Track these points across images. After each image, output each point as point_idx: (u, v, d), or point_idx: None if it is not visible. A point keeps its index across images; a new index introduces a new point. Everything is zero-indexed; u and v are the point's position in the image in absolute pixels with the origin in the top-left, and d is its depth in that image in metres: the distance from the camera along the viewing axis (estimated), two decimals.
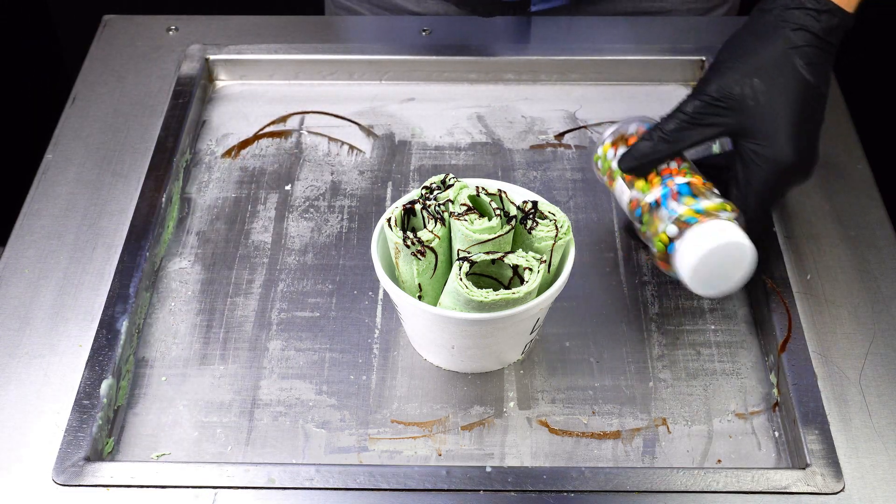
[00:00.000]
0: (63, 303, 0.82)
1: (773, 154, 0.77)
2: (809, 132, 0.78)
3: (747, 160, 0.78)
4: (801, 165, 0.78)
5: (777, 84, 0.77)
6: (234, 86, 1.04)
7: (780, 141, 0.76)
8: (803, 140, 0.77)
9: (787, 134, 0.76)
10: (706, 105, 0.78)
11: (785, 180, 0.79)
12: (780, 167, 0.77)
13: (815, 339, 0.79)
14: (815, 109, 0.79)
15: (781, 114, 0.76)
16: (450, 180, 0.76)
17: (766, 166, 0.77)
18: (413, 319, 0.75)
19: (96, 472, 0.71)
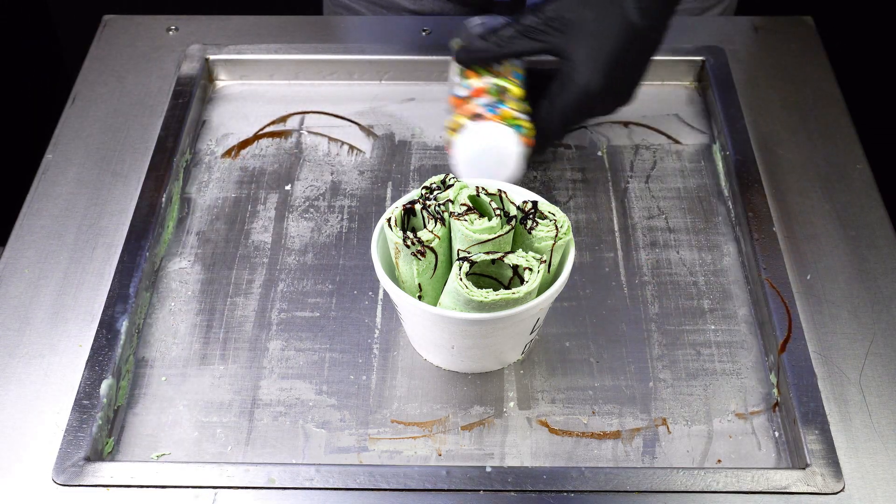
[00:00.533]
0: (63, 303, 0.82)
1: (581, 80, 0.83)
2: (625, 69, 0.84)
3: (561, 80, 0.84)
4: (606, 97, 0.84)
5: (604, 17, 0.82)
6: (234, 86, 1.04)
7: (590, 69, 0.82)
8: (614, 74, 0.83)
9: (598, 64, 0.82)
10: (540, 22, 0.84)
11: (588, 106, 0.85)
12: (585, 93, 0.83)
13: (815, 339, 0.79)
14: (638, 50, 0.84)
15: (599, 45, 0.82)
16: (450, 180, 0.76)
17: (573, 89, 0.83)
18: (413, 319, 0.75)
19: (96, 472, 0.71)
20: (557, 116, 0.85)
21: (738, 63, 1.03)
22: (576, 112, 0.85)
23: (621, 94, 0.86)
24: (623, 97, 0.86)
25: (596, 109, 0.86)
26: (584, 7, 0.83)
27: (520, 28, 0.85)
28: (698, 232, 0.89)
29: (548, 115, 0.85)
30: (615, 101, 0.86)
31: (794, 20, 1.09)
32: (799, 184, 0.91)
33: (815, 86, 1.01)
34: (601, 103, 0.85)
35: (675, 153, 0.96)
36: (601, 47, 0.82)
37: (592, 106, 0.85)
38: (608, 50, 0.82)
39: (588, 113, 0.87)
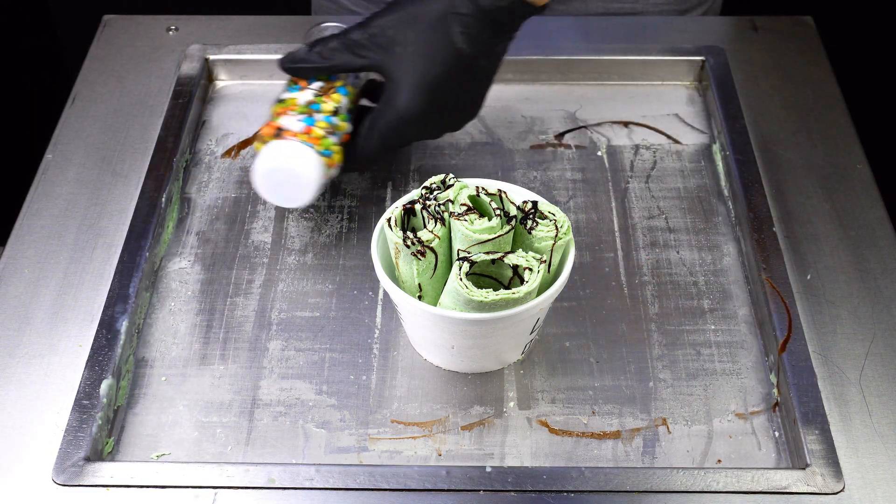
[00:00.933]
0: (63, 303, 0.82)
1: (398, 103, 0.80)
2: (449, 95, 0.80)
3: (382, 100, 0.82)
4: (426, 123, 0.82)
5: (427, 42, 0.78)
6: (234, 86, 1.04)
7: (408, 93, 0.79)
8: (436, 100, 0.80)
9: (416, 89, 0.79)
10: (364, 37, 0.80)
11: (405, 130, 0.82)
12: (404, 118, 0.80)
13: (815, 339, 0.79)
14: (464, 78, 0.80)
15: (419, 70, 0.79)
16: (450, 180, 0.76)
17: (392, 112, 0.81)
18: (413, 319, 0.75)
19: (96, 472, 0.71)
20: (375, 138, 0.82)
21: (738, 63, 1.03)
22: (394, 135, 0.82)
23: (447, 120, 0.83)
24: (450, 124, 0.84)
25: (416, 134, 0.84)
26: (410, 27, 0.79)
27: (344, 41, 0.81)
28: (698, 232, 0.89)
29: (366, 135, 0.83)
30: (439, 127, 0.84)
31: (794, 20, 1.09)
32: (799, 184, 0.91)
33: (815, 86, 1.01)
34: (422, 128, 0.83)
35: (675, 153, 0.96)
36: (424, 71, 0.79)
37: (410, 130, 0.82)
38: (431, 75, 0.79)
39: (407, 137, 0.84)
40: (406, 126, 0.81)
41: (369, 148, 0.83)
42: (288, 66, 0.84)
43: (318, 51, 0.82)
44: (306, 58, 0.83)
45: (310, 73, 0.84)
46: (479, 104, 0.84)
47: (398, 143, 0.85)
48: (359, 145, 0.84)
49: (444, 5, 0.78)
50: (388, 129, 0.82)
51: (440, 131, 0.85)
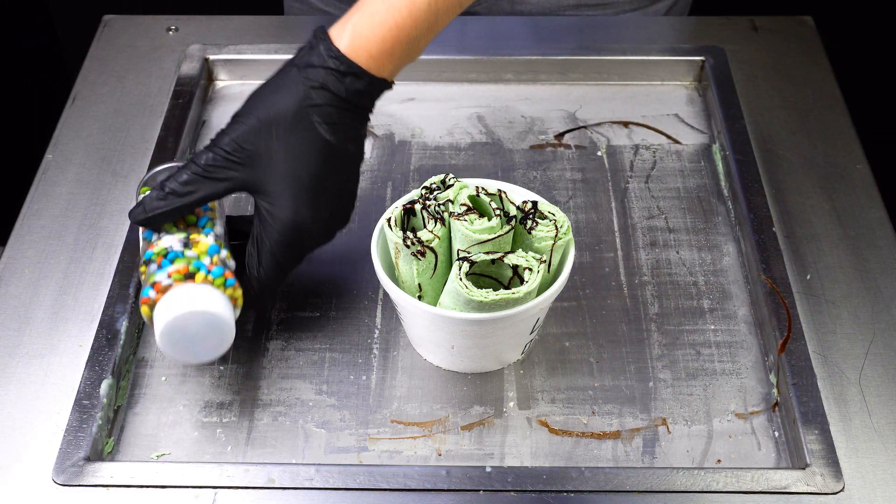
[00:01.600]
0: (63, 303, 0.82)
1: (282, 214, 0.73)
2: (328, 193, 0.74)
3: (262, 218, 0.74)
4: (317, 225, 0.74)
5: (291, 142, 0.72)
6: (234, 86, 1.04)
7: (288, 201, 0.72)
8: (317, 201, 0.73)
9: (295, 194, 0.72)
10: (220, 158, 0.72)
11: (298, 241, 0.75)
12: (290, 228, 0.73)
13: (815, 339, 0.79)
14: (338, 169, 0.74)
15: (292, 173, 0.72)
16: (450, 180, 0.76)
17: (276, 226, 0.73)
18: (413, 319, 0.75)
19: (96, 472, 0.71)
20: (268, 261, 0.74)
21: (738, 63, 1.03)
22: (289, 250, 0.74)
23: (334, 217, 0.76)
24: (338, 219, 0.77)
25: (311, 241, 0.76)
26: (268, 134, 0.72)
27: (197, 170, 0.72)
28: (698, 232, 0.89)
29: (258, 262, 0.75)
30: (329, 226, 0.76)
31: (794, 20, 1.09)
32: (799, 184, 0.91)
33: (815, 86, 1.01)
34: (315, 233, 0.75)
35: (675, 153, 0.96)
36: (295, 175, 0.72)
37: (304, 239, 0.75)
38: (304, 177, 0.72)
39: (302, 247, 0.76)
40: (299, 237, 0.74)
41: (268, 276, 0.75)
42: (142, 218, 0.73)
43: (171, 189, 0.72)
44: (165, 203, 0.73)
45: (172, 217, 0.73)
46: (355, 193, 0.77)
47: (296, 258, 0.76)
48: (256, 278, 0.76)
49: (297, 101, 0.72)
50: (282, 247, 0.74)
51: (334, 230, 0.77)
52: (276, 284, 0.77)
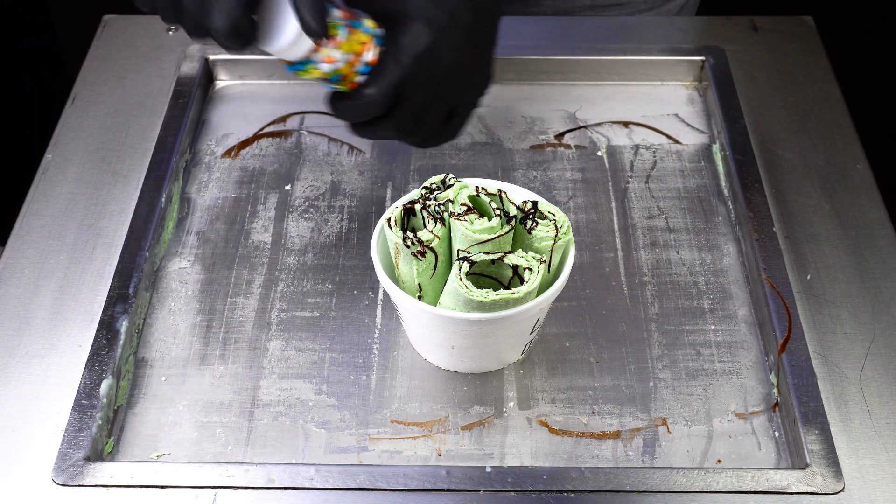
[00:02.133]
0: (63, 303, 0.82)
1: (407, 40, 0.72)
2: (456, 43, 0.74)
3: (387, 47, 0.73)
4: (434, 66, 0.73)
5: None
6: (234, 86, 1.04)
7: (418, 28, 0.73)
8: (443, 38, 0.73)
9: (425, 24, 0.73)
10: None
11: (416, 74, 0.73)
12: (413, 54, 0.72)
13: (815, 339, 0.79)
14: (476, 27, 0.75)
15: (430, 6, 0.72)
16: (450, 180, 0.76)
17: (397, 50, 0.72)
18: (413, 319, 0.75)
19: (96, 472, 0.71)
20: (381, 82, 0.73)
21: (738, 63, 1.03)
22: (404, 82, 0.73)
23: (460, 81, 0.76)
24: (461, 88, 0.77)
25: (425, 85, 0.74)
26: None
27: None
28: (698, 232, 0.89)
29: (371, 79, 0.73)
30: (450, 87, 0.76)
31: (794, 20, 1.09)
32: (799, 184, 0.91)
33: (815, 86, 1.01)
34: (431, 79, 0.74)
35: (675, 153, 0.96)
36: (434, 8, 0.73)
37: (419, 76, 0.73)
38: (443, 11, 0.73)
39: (416, 88, 0.74)
40: (418, 66, 0.72)
41: (373, 94, 0.73)
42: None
43: None
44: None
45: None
46: (491, 69, 0.78)
47: (409, 93, 0.73)
48: (361, 92, 0.73)
49: None
50: (398, 71, 0.72)
51: (448, 98, 0.75)
52: (379, 105, 0.74)
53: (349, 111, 0.75)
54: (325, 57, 0.72)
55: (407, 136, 0.78)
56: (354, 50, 0.73)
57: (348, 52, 0.72)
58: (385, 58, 0.73)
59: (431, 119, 0.77)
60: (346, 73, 0.73)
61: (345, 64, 0.73)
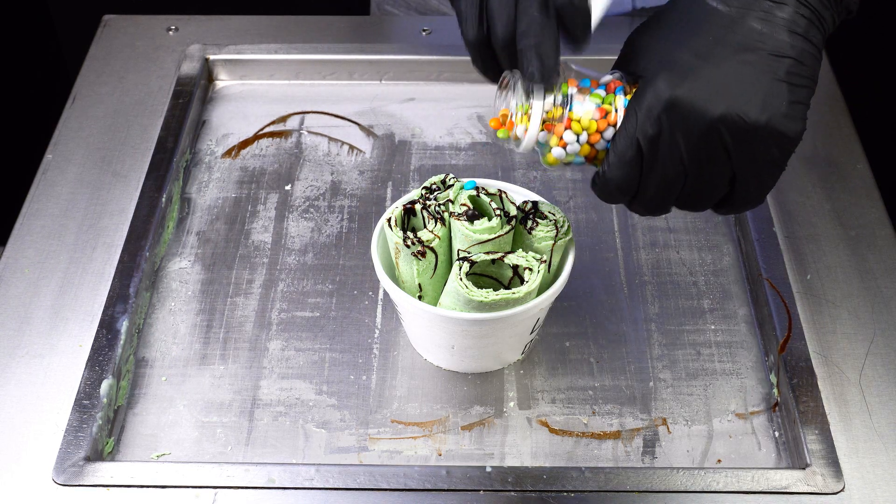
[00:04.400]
0: (63, 303, 0.82)
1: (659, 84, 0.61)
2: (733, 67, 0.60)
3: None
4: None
5: (672, 11, 0.63)
6: (234, 86, 1.04)
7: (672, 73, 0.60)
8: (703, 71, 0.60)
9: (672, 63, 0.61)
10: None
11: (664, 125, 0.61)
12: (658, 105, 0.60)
13: (815, 339, 0.79)
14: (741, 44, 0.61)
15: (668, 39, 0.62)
16: (450, 180, 0.76)
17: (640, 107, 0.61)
18: (413, 319, 0.75)
19: (96, 472, 0.71)
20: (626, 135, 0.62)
21: None
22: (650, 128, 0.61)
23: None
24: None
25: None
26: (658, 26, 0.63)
27: None
28: (698, 232, 0.89)
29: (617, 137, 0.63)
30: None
31: None
32: (799, 184, 0.91)
33: None
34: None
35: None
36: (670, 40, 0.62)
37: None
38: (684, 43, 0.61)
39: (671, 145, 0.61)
40: (659, 128, 0.60)
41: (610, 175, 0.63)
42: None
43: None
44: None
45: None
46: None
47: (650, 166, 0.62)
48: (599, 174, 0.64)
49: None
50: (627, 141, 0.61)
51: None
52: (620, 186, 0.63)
53: (599, 194, 0.65)
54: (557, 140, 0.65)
55: (684, 206, 0.66)
56: (590, 128, 0.64)
57: (581, 129, 0.64)
58: (622, 123, 0.63)
59: (694, 191, 0.64)
60: (589, 154, 0.65)
61: (583, 144, 0.64)
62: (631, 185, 0.63)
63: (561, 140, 0.65)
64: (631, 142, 0.62)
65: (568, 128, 0.64)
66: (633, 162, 0.62)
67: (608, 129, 0.64)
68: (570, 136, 0.64)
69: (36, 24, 1.80)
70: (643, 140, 0.61)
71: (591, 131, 0.64)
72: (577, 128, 0.64)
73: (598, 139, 0.65)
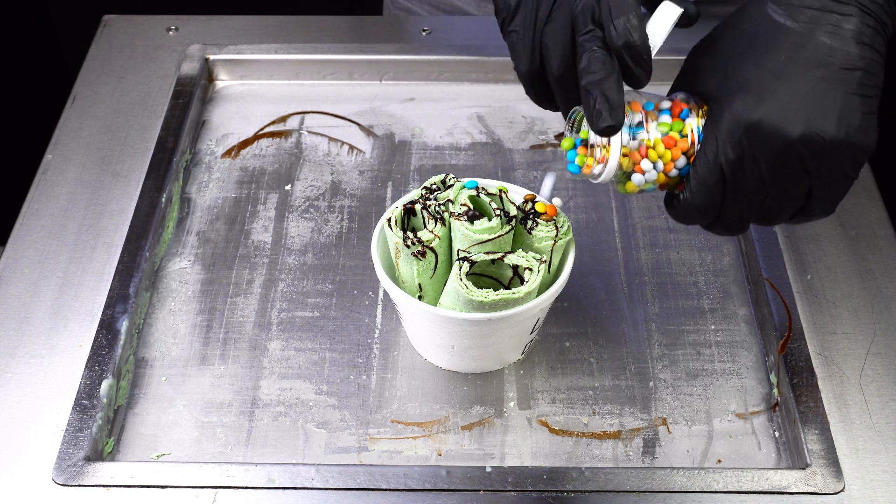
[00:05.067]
0: (63, 303, 0.82)
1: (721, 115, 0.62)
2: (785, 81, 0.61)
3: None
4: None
5: (737, 28, 0.64)
6: (234, 86, 1.04)
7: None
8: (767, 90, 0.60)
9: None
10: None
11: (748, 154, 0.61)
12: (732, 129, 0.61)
13: (815, 339, 0.79)
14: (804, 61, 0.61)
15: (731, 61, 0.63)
16: (450, 180, 0.76)
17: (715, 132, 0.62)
18: (413, 319, 0.75)
19: (96, 472, 0.71)
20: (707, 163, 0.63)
21: None
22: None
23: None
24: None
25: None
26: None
27: None
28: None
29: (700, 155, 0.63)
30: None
31: None
32: None
33: None
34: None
35: None
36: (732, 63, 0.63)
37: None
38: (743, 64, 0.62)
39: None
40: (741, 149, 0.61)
41: (688, 200, 0.64)
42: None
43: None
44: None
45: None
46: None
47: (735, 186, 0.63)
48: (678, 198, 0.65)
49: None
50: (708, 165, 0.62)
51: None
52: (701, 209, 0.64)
53: (679, 218, 0.67)
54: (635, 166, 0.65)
55: (762, 221, 0.67)
56: (664, 156, 0.65)
57: (657, 157, 0.65)
58: (701, 148, 0.63)
59: (772, 208, 0.65)
60: (664, 182, 0.66)
61: (659, 173, 0.65)
62: (713, 209, 0.65)
63: (638, 166, 0.65)
64: (713, 167, 0.62)
65: (645, 156, 0.65)
66: (716, 186, 0.63)
67: (681, 156, 0.64)
68: (648, 164, 0.65)
69: (36, 24, 1.80)
70: (725, 164, 0.62)
71: (665, 160, 0.65)
72: (654, 155, 0.65)
73: (671, 167, 0.65)
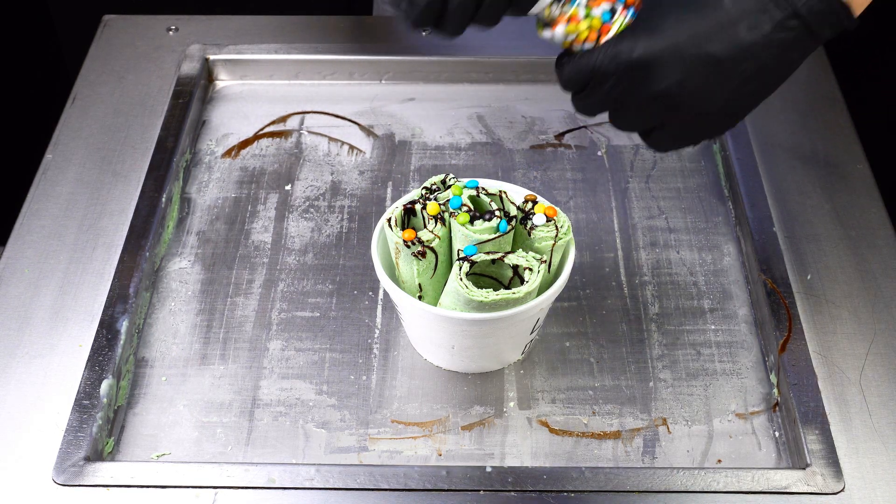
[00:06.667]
0: (63, 303, 0.82)
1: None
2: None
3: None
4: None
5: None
6: (234, 86, 1.04)
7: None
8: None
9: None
10: None
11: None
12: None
13: (815, 339, 0.79)
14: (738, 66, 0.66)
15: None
16: (450, 180, 0.76)
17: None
18: (413, 319, 0.75)
19: (96, 472, 0.71)
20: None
21: None
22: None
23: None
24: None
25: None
26: None
27: None
28: (698, 232, 0.89)
29: None
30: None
31: None
32: (799, 184, 0.91)
33: (815, 86, 1.01)
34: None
35: (675, 153, 0.96)
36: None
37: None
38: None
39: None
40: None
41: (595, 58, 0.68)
42: None
43: None
44: None
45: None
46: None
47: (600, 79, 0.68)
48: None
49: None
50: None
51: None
52: None
53: (565, 69, 0.71)
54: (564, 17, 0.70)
55: (615, 119, 0.73)
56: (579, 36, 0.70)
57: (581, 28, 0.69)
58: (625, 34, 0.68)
59: (633, 114, 0.72)
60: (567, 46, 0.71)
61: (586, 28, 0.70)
62: (579, 87, 0.71)
63: (555, 25, 0.71)
64: (586, 71, 0.69)
65: (564, 23, 0.70)
66: (585, 78, 0.69)
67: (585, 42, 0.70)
68: (561, 29, 0.70)
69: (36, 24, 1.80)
70: (594, 73, 0.69)
71: (580, 39, 0.70)
72: (572, 28, 0.70)
73: (577, 44, 0.70)
